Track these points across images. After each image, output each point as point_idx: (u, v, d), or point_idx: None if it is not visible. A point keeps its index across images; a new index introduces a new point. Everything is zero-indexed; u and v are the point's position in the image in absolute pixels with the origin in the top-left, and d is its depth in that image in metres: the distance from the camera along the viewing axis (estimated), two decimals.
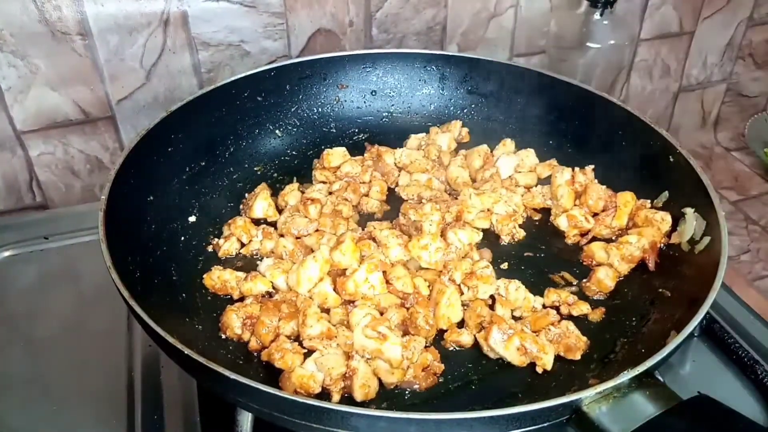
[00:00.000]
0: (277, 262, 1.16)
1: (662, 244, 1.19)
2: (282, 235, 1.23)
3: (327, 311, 1.07)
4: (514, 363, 1.01)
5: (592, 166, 1.31)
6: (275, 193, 1.33)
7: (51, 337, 1.20)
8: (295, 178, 1.37)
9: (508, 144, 1.42)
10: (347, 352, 1.00)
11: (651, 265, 1.16)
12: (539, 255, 1.23)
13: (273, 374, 0.99)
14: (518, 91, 1.46)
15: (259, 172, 1.39)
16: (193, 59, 1.53)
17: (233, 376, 0.82)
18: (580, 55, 1.64)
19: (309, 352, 1.00)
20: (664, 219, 1.19)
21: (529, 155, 1.39)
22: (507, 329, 1.02)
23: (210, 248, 1.22)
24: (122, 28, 1.44)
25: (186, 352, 0.85)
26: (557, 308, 1.11)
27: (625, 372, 0.86)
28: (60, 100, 1.47)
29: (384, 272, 1.10)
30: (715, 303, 0.99)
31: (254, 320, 1.04)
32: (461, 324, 1.08)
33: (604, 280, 1.14)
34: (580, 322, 1.09)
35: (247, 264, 1.20)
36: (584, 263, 1.20)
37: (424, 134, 1.47)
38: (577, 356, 1.02)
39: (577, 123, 1.40)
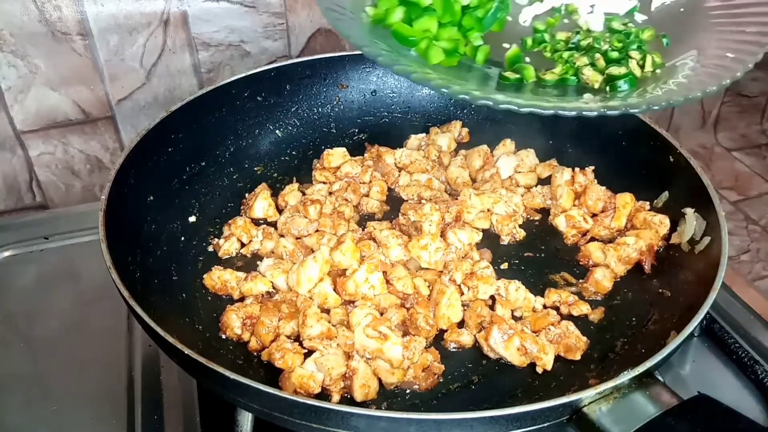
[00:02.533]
0: (277, 262, 1.16)
1: (659, 247, 1.19)
2: (282, 236, 1.23)
3: (327, 311, 1.07)
4: (515, 363, 1.01)
5: (593, 167, 1.31)
6: (275, 193, 1.33)
7: (51, 337, 1.20)
8: (295, 178, 1.37)
9: (508, 144, 1.42)
10: (347, 352, 1.00)
11: (647, 268, 1.16)
12: (539, 255, 1.23)
13: (273, 374, 0.99)
14: None
15: (259, 172, 1.39)
16: (193, 59, 1.53)
17: (233, 376, 0.82)
18: None
19: (309, 352, 1.00)
20: (663, 222, 1.19)
21: (529, 155, 1.39)
22: (507, 329, 1.02)
23: (210, 248, 1.22)
24: (122, 28, 1.44)
25: (186, 352, 0.85)
26: (557, 308, 1.11)
27: (626, 372, 0.86)
28: (60, 100, 1.47)
29: (384, 272, 1.10)
30: (715, 303, 0.99)
31: (254, 320, 1.04)
32: (461, 324, 1.08)
33: (602, 281, 1.14)
34: (581, 322, 1.09)
35: (247, 264, 1.20)
36: (581, 263, 1.20)
37: (424, 134, 1.47)
38: (578, 356, 1.02)
39: (576, 123, 1.40)
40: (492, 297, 1.11)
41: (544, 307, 1.11)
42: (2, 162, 1.51)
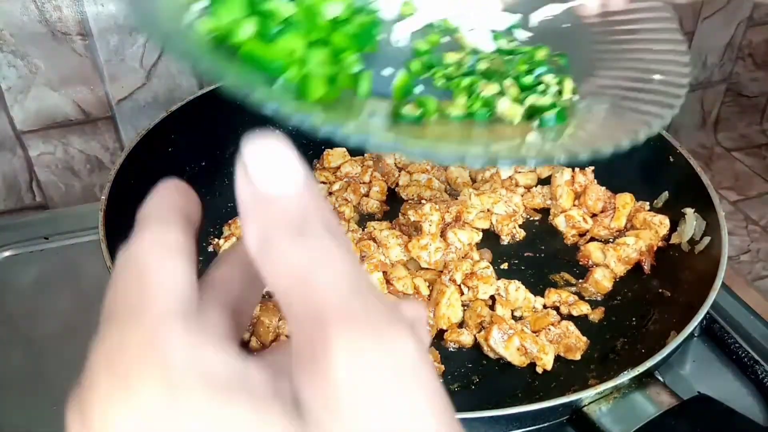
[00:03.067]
0: None
1: (659, 247, 1.19)
2: None
3: None
4: (515, 363, 1.01)
5: (593, 167, 1.31)
6: None
7: (51, 337, 1.20)
8: None
9: None
10: None
11: (646, 268, 1.16)
12: (539, 255, 1.23)
13: None
14: None
15: None
16: None
17: None
18: None
19: None
20: (662, 222, 1.19)
21: None
22: (507, 329, 1.02)
23: (210, 248, 1.23)
24: (122, 28, 1.44)
25: None
26: (557, 308, 1.11)
27: (625, 372, 0.86)
28: (60, 100, 1.47)
29: (384, 272, 1.10)
30: (715, 303, 0.99)
31: (254, 320, 1.04)
32: (461, 324, 1.08)
33: (602, 281, 1.14)
34: (581, 322, 1.09)
35: None
36: (581, 263, 1.20)
37: None
38: (577, 356, 1.03)
39: None
40: (492, 297, 1.11)
41: (544, 307, 1.11)
42: (2, 162, 1.51)
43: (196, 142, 1.30)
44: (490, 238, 1.25)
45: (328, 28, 0.65)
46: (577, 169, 1.30)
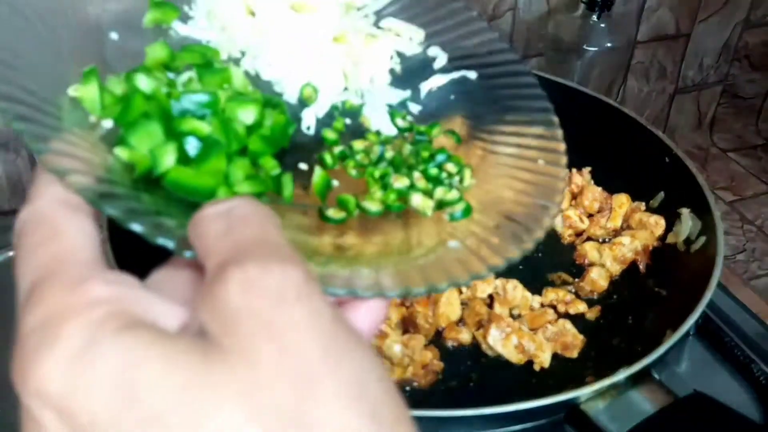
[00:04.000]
0: None
1: (655, 247, 1.20)
2: None
3: None
4: (512, 361, 1.02)
5: (589, 168, 1.32)
6: None
7: None
8: None
9: None
10: None
11: (642, 267, 1.17)
12: (537, 254, 1.23)
13: None
14: None
15: None
16: None
17: None
18: (577, 57, 1.65)
19: None
20: (658, 223, 1.21)
21: None
22: (505, 327, 1.03)
23: None
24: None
25: None
26: (554, 307, 1.12)
27: (622, 370, 0.87)
28: None
29: None
30: (711, 302, 1.00)
31: None
32: (460, 322, 1.09)
33: (598, 280, 1.15)
34: (577, 320, 1.10)
35: None
36: (577, 262, 1.21)
37: None
38: (574, 354, 1.04)
39: (574, 125, 1.41)
40: (490, 295, 1.12)
41: (542, 305, 1.12)
42: (6, 163, 1.51)
43: None
44: None
45: (244, 137, 0.60)
46: (574, 170, 1.31)
